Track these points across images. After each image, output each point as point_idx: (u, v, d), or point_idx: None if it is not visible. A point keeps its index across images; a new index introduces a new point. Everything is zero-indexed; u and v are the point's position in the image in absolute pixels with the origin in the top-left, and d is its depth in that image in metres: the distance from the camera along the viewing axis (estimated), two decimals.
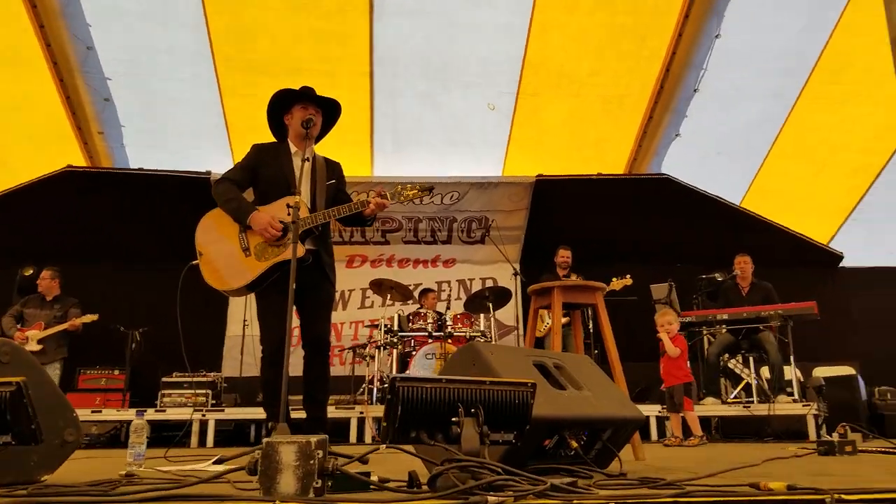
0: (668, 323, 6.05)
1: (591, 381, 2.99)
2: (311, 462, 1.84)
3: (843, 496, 1.80)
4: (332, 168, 4.31)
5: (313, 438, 1.88)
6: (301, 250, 3.77)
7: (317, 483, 1.84)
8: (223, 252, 3.94)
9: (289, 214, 3.54)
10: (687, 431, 5.93)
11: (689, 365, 6.23)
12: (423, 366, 7.38)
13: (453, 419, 2.06)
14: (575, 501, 1.76)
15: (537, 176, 9.03)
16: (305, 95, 4.14)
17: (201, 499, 1.85)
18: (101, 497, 1.98)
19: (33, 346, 7.33)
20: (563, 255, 8.20)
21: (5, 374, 2.27)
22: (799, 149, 8.94)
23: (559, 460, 2.74)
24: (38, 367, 2.52)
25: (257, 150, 4.24)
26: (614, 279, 7.37)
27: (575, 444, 2.70)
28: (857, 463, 3.31)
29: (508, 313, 8.98)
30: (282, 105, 4.21)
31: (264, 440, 1.90)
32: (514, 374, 2.59)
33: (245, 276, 3.87)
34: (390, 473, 2.69)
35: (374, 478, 2.11)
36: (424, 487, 2.00)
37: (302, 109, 4.11)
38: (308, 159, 3.86)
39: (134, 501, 1.84)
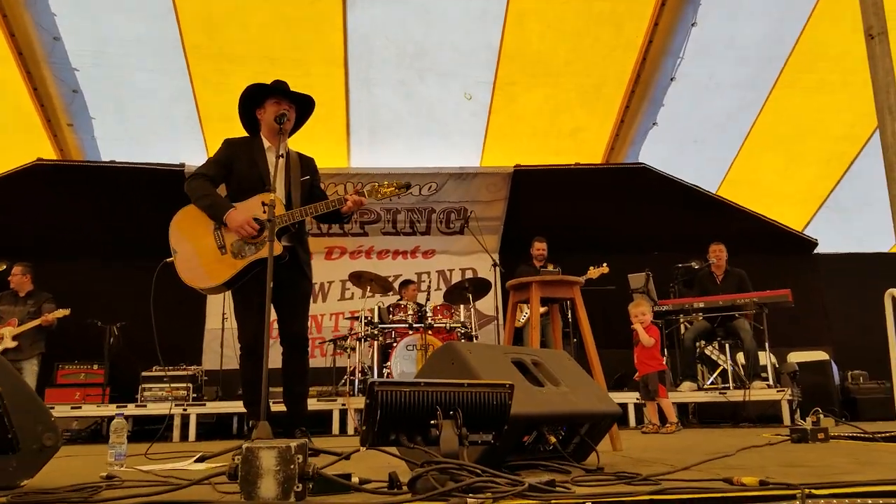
0: (641, 314, 6.11)
1: (569, 376, 3.02)
2: (292, 466, 1.84)
3: (814, 491, 1.84)
4: (306, 163, 4.29)
5: (293, 443, 1.88)
6: (278, 248, 3.76)
7: (297, 487, 1.84)
8: (199, 250, 3.91)
9: (264, 212, 3.53)
10: (664, 418, 6.01)
11: (665, 353, 6.31)
12: (405, 357, 7.40)
13: (432, 422, 2.08)
14: (553, 501, 1.79)
15: (515, 166, 9.03)
16: (279, 90, 4.10)
17: None
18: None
19: (8, 343, 7.32)
20: (539, 248, 8.24)
21: None
22: (774, 137, 9.02)
23: (538, 455, 2.77)
24: (13, 374, 2.49)
25: (229, 144, 4.19)
26: (591, 268, 7.48)
27: (553, 440, 2.73)
28: (829, 451, 3.37)
29: (488, 304, 9.02)
30: (254, 99, 4.15)
31: (244, 445, 1.90)
32: (493, 373, 2.61)
33: (222, 274, 3.85)
34: (372, 471, 2.70)
35: (354, 479, 2.11)
36: (405, 488, 2.01)
37: (275, 104, 4.06)
38: (282, 155, 3.82)
39: None
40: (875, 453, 3.18)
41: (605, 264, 7.52)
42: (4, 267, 7.91)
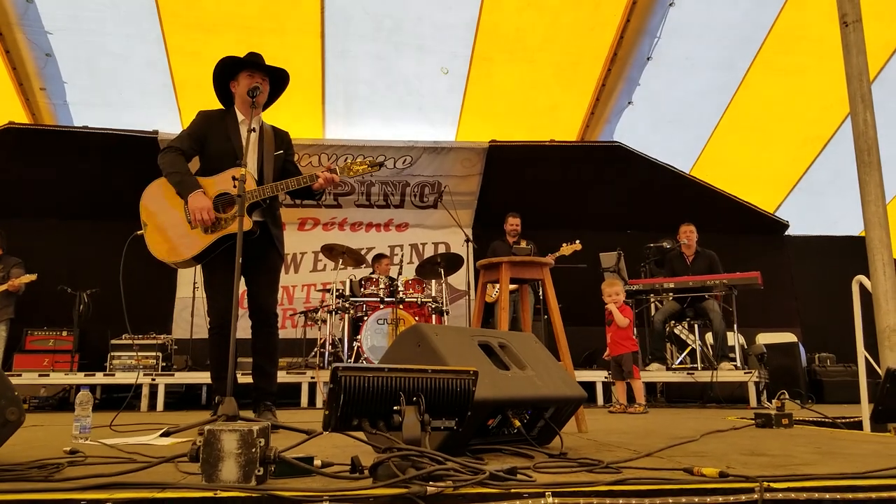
0: (615, 293, 6.14)
1: (536, 359, 3.04)
2: (253, 450, 1.84)
3: (773, 484, 1.87)
4: (280, 137, 4.22)
5: (255, 426, 1.87)
6: (248, 223, 3.74)
7: (258, 471, 1.84)
8: (169, 223, 3.86)
9: (234, 186, 3.48)
10: (632, 397, 6.08)
11: (635, 332, 6.36)
12: (375, 331, 7.41)
13: (395, 408, 2.08)
14: (513, 490, 1.80)
15: (490, 142, 9.01)
16: (252, 63, 4.03)
17: (143, 486, 1.83)
18: (42, 482, 1.95)
19: None
20: (513, 223, 8.27)
21: None
22: (749, 118, 9.06)
23: (502, 438, 2.79)
24: None
25: (203, 117, 4.10)
26: (564, 244, 7.53)
27: (518, 423, 2.75)
28: (791, 438, 3.42)
29: (460, 278, 9.03)
30: (227, 71, 4.07)
31: (205, 428, 1.89)
32: (459, 356, 2.62)
33: (191, 248, 3.81)
34: (337, 451, 2.72)
35: (317, 461, 2.11)
36: (367, 473, 2.01)
37: (248, 77, 4.00)
38: (254, 129, 3.75)
39: (76, 489, 1.83)
40: (836, 442, 3.23)
41: (577, 241, 7.57)
42: None
